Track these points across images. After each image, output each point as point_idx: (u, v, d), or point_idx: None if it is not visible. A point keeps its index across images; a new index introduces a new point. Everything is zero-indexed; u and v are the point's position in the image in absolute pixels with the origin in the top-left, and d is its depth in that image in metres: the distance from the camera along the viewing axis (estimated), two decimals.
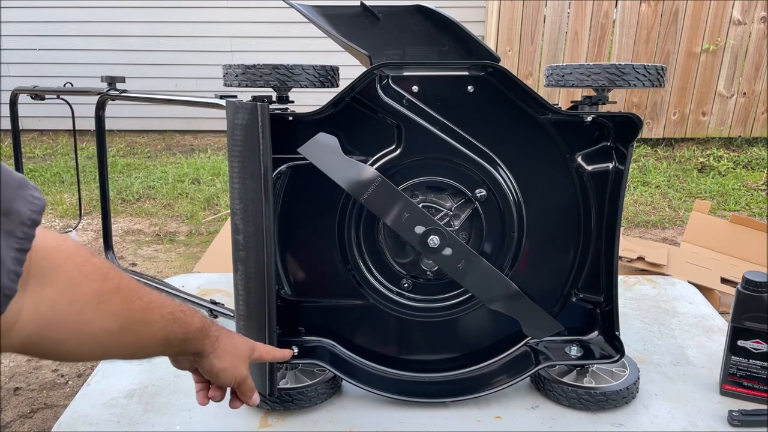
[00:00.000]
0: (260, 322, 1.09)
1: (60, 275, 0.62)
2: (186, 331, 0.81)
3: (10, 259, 0.54)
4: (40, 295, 0.60)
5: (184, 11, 5.62)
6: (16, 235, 0.55)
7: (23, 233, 0.56)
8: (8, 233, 0.54)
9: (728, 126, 5.30)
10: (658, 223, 4.22)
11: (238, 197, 1.06)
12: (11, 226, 0.55)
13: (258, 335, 1.10)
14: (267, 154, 1.03)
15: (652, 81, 1.10)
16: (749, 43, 5.11)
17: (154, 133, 5.90)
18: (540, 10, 5.13)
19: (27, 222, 0.56)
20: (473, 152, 1.16)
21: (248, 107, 1.03)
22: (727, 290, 2.56)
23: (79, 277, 0.63)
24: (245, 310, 1.12)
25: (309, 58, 4.93)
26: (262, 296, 1.08)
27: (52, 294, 0.61)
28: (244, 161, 1.05)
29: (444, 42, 1.20)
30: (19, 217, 0.56)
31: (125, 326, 0.70)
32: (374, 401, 1.21)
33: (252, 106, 1.02)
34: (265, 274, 1.07)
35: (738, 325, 1.19)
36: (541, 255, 1.22)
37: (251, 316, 1.11)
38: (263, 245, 1.06)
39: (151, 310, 0.74)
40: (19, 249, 0.55)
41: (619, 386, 1.18)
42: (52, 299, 0.61)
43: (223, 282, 1.79)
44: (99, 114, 1.74)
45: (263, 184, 1.04)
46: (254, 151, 1.03)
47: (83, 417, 1.18)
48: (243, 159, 1.05)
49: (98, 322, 0.66)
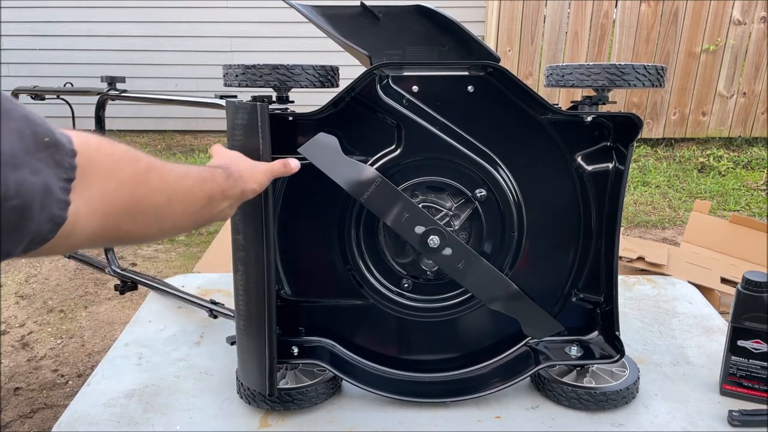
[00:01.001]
0: (260, 322, 1.09)
1: (97, 168, 0.64)
2: (220, 183, 0.85)
3: (59, 188, 0.57)
4: (89, 192, 0.62)
5: (184, 11, 5.62)
6: (64, 165, 0.57)
7: (69, 164, 0.58)
8: (57, 163, 0.57)
9: (728, 126, 5.30)
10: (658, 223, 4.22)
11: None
12: (60, 156, 0.57)
13: (258, 335, 1.10)
14: (267, 154, 1.04)
15: (652, 81, 1.10)
16: (749, 43, 5.11)
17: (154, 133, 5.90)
18: (540, 10, 5.14)
19: (69, 153, 0.58)
20: (473, 152, 1.16)
21: (248, 107, 1.03)
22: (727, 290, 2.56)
23: (114, 165, 0.66)
24: (245, 310, 1.12)
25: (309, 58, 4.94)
26: (261, 296, 1.08)
27: (98, 188, 0.63)
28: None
29: (444, 42, 1.20)
30: (64, 148, 0.58)
31: (171, 197, 0.74)
32: (374, 401, 1.21)
33: (251, 106, 1.02)
34: (265, 274, 1.07)
35: (738, 325, 1.19)
36: (541, 255, 1.22)
37: (251, 316, 1.11)
38: (263, 245, 1.06)
39: (185, 176, 0.78)
40: (67, 179, 0.58)
41: (619, 386, 1.18)
42: (101, 192, 0.64)
43: (223, 282, 1.79)
44: (99, 114, 1.74)
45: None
46: (254, 151, 1.03)
47: (83, 417, 1.18)
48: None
49: (147, 199, 0.70)
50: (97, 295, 3.24)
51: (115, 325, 2.92)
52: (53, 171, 0.56)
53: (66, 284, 3.35)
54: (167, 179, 0.74)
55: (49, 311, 3.08)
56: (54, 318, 3.01)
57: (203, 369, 1.34)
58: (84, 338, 2.83)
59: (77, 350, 2.74)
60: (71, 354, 2.71)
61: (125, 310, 3.06)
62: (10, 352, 2.71)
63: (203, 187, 0.81)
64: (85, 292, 3.27)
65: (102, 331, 2.89)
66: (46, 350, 2.73)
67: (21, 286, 3.34)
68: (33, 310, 3.08)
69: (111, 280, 3.14)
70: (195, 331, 1.50)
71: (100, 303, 3.16)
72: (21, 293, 3.26)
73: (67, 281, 3.38)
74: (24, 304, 3.14)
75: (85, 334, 2.86)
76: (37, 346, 2.76)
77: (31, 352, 2.71)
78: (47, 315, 3.04)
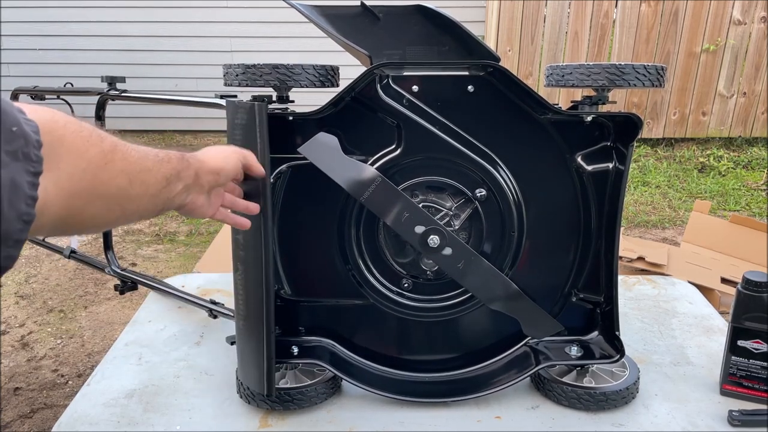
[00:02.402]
0: (258, 321, 1.09)
1: (66, 147, 0.62)
2: (175, 166, 0.83)
3: (27, 183, 0.54)
4: (58, 170, 0.60)
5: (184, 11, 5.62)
6: (31, 158, 0.55)
7: (35, 156, 0.55)
8: (25, 156, 0.54)
9: (728, 126, 5.30)
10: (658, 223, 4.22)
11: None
12: (27, 149, 0.54)
13: (257, 335, 1.10)
14: (265, 153, 1.04)
15: (652, 81, 1.10)
16: (749, 43, 5.11)
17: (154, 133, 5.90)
18: (540, 10, 5.13)
19: (35, 144, 0.55)
20: (473, 152, 1.16)
21: (247, 107, 1.03)
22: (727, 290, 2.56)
23: (83, 143, 0.64)
24: (244, 309, 1.12)
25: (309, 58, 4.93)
26: (260, 296, 1.08)
27: (66, 167, 0.62)
28: None
29: (444, 42, 1.20)
30: (30, 140, 0.55)
31: (132, 178, 0.73)
32: (374, 401, 1.21)
33: (250, 105, 1.02)
34: (263, 273, 1.07)
35: (738, 325, 1.19)
36: (541, 255, 1.22)
37: (250, 315, 1.11)
38: (263, 245, 1.06)
39: (145, 157, 0.76)
40: (34, 173, 0.55)
41: (619, 386, 1.18)
42: (69, 171, 0.62)
43: (223, 282, 1.79)
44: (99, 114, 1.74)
45: (262, 183, 1.04)
46: (253, 151, 1.03)
47: (83, 417, 1.17)
48: None
49: (111, 181, 0.69)
50: (97, 295, 3.24)
51: (115, 325, 2.92)
52: (21, 164, 0.53)
53: (66, 284, 3.35)
54: (129, 159, 0.72)
55: (49, 311, 3.08)
56: (54, 318, 3.01)
57: (203, 369, 1.34)
58: (84, 338, 2.83)
59: (77, 350, 2.74)
60: (71, 354, 2.71)
61: (125, 310, 3.06)
62: (10, 352, 2.71)
63: (161, 169, 0.79)
64: (85, 292, 3.27)
65: (102, 331, 2.89)
66: (46, 350, 2.73)
67: (21, 286, 3.34)
68: (33, 310, 3.08)
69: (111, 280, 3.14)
70: (195, 331, 1.50)
71: (100, 303, 3.16)
72: (21, 293, 3.26)
73: (67, 281, 3.38)
74: (24, 304, 3.14)
75: (85, 334, 2.87)
76: (37, 346, 2.76)
77: (31, 352, 2.71)
78: (47, 315, 3.04)
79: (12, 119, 0.53)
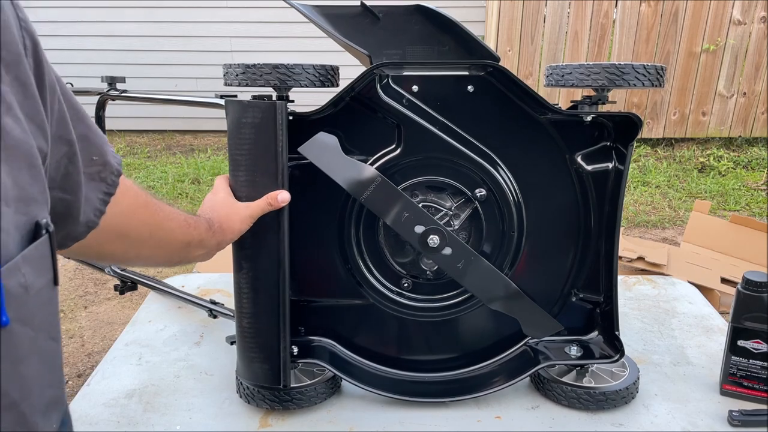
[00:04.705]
0: (272, 317, 1.10)
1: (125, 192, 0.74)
2: (200, 233, 0.96)
3: (98, 199, 0.67)
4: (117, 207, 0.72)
5: (184, 11, 5.62)
6: (107, 182, 0.68)
7: (112, 181, 0.69)
8: (102, 179, 0.68)
9: (728, 126, 5.30)
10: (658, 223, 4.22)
11: (245, 195, 1.07)
12: (106, 174, 0.68)
13: (268, 332, 1.11)
14: (285, 153, 1.06)
15: (652, 81, 1.10)
16: (749, 43, 5.11)
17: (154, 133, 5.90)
18: (540, 10, 5.13)
19: (115, 173, 0.69)
20: (473, 152, 1.16)
21: (262, 106, 1.04)
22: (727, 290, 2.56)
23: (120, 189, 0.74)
24: (251, 307, 1.12)
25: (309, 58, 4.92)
26: (274, 292, 1.09)
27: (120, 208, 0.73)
28: (254, 158, 1.06)
29: (444, 42, 1.20)
30: (111, 168, 0.68)
31: (153, 233, 0.85)
32: (374, 401, 1.21)
33: (269, 104, 1.04)
34: (278, 270, 1.08)
35: (738, 325, 1.19)
36: (541, 255, 1.22)
37: (260, 312, 1.11)
38: (277, 241, 1.07)
39: (171, 219, 0.89)
40: (107, 193, 0.69)
41: (619, 386, 1.18)
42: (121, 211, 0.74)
43: (223, 282, 1.79)
44: (99, 114, 1.74)
45: (282, 182, 1.06)
46: (268, 150, 1.04)
47: (83, 417, 1.17)
48: (252, 156, 1.06)
49: (135, 230, 0.81)
50: (96, 295, 3.24)
51: (115, 325, 2.92)
52: (95, 184, 0.67)
53: (66, 284, 3.35)
54: (156, 218, 0.85)
55: None
56: None
57: (203, 369, 1.34)
58: (84, 338, 2.83)
59: (77, 350, 2.74)
60: (71, 354, 2.70)
61: (125, 310, 3.06)
62: None
63: (185, 232, 0.92)
64: (85, 292, 3.27)
65: (102, 331, 2.89)
66: None
67: None
68: None
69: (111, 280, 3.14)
70: (195, 331, 1.50)
71: (99, 303, 3.16)
72: None
73: (67, 281, 3.38)
74: None
75: (85, 334, 2.86)
76: None
77: None
78: None
79: (97, 150, 0.66)
